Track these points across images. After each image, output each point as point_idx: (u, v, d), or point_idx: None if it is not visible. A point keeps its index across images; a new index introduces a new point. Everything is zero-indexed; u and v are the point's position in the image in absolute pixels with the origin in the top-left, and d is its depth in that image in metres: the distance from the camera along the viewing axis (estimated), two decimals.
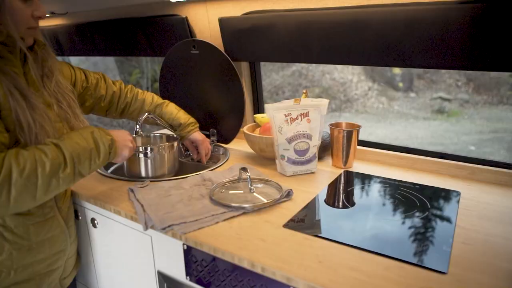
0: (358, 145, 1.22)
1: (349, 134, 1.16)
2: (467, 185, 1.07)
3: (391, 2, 1.03)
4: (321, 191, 1.05)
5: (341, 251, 0.77)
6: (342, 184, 1.11)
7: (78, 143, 0.80)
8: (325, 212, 0.94)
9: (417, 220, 0.89)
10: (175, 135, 1.34)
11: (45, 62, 0.93)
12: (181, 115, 1.30)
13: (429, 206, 0.95)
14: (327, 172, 1.20)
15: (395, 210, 0.94)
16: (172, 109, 1.30)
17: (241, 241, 0.81)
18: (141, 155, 1.16)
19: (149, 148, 1.17)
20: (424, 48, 1.02)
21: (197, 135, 1.31)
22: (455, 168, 1.13)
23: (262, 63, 1.53)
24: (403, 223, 0.88)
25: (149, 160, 1.17)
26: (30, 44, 0.89)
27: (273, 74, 2.52)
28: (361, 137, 1.34)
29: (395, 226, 0.87)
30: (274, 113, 1.10)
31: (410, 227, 0.86)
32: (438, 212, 0.92)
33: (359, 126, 1.18)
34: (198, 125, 1.33)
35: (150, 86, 2.72)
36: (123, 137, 0.94)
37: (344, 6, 1.10)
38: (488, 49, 0.93)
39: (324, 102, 1.12)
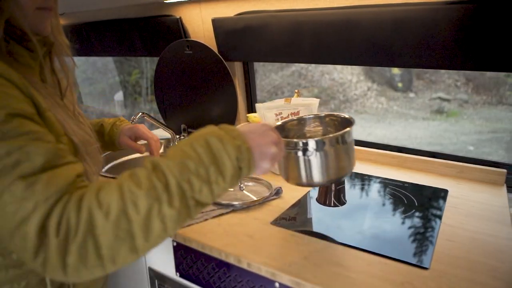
0: None
1: None
2: (456, 184, 1.08)
3: (380, 3, 1.04)
4: (312, 189, 1.06)
5: (327, 247, 0.79)
6: None
7: (184, 161, 0.53)
8: (314, 210, 0.95)
9: (403, 218, 0.90)
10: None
11: (66, 68, 0.72)
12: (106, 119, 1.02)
13: (416, 204, 0.96)
14: None
15: (383, 208, 0.95)
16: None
17: (228, 237, 0.83)
18: (300, 154, 0.75)
19: (313, 142, 0.74)
20: (412, 48, 1.03)
21: (142, 127, 1.01)
22: (445, 167, 1.14)
23: (261, 64, 1.54)
24: (390, 221, 0.89)
25: (316, 160, 0.75)
26: (48, 32, 0.65)
27: (272, 74, 2.53)
28: (360, 137, 1.36)
29: (382, 224, 0.88)
30: (265, 112, 1.11)
31: (396, 225, 0.87)
32: (425, 210, 0.93)
33: None
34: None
35: (150, 86, 2.74)
36: (260, 139, 0.60)
37: (334, 7, 1.11)
38: (476, 48, 0.94)
39: (315, 101, 1.13)
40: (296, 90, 1.28)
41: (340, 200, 1.00)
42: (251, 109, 1.57)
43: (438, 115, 2.15)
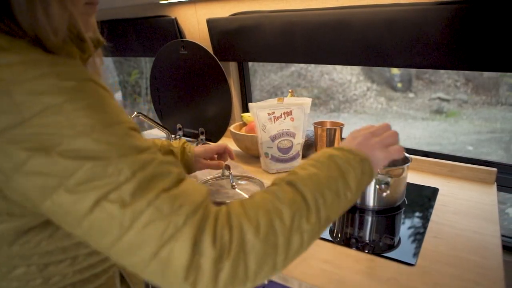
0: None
1: (333, 133, 1.18)
2: (446, 182, 1.08)
3: (372, 3, 1.06)
4: None
5: (316, 245, 0.80)
6: None
7: (315, 175, 0.53)
8: None
9: (393, 216, 0.91)
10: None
11: (98, 69, 0.66)
12: (168, 141, 1.01)
13: (406, 203, 0.97)
14: None
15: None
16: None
17: None
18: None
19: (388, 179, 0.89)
20: (404, 48, 1.04)
21: (208, 146, 1.03)
22: (436, 166, 1.15)
23: (260, 64, 1.55)
24: (380, 218, 0.90)
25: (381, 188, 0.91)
26: (91, 30, 0.59)
27: (272, 74, 2.54)
28: None
29: (372, 222, 0.89)
30: (258, 112, 1.12)
31: (386, 223, 0.89)
32: (415, 208, 0.94)
33: (342, 125, 1.21)
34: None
35: (149, 87, 2.75)
36: (365, 141, 0.62)
37: (327, 7, 1.12)
38: (467, 48, 0.95)
39: (307, 101, 1.14)
40: (290, 90, 1.29)
41: None
42: (245, 108, 1.58)
43: (438, 115, 2.15)
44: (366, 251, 0.76)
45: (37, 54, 0.42)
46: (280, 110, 1.13)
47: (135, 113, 1.28)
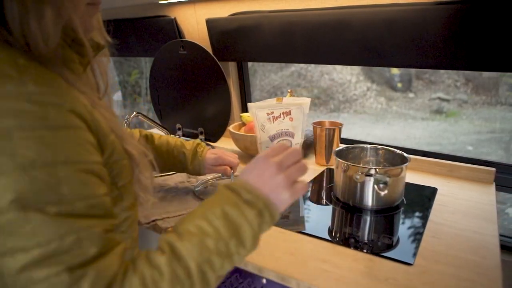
0: (341, 143, 1.24)
1: (332, 132, 1.18)
2: (446, 182, 1.09)
3: (371, 3, 1.06)
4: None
5: (315, 244, 0.80)
6: (324, 181, 1.13)
7: (202, 240, 0.49)
8: (306, 208, 0.96)
9: (391, 216, 0.91)
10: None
11: (103, 68, 0.63)
12: (183, 141, 1.01)
13: (405, 202, 0.97)
14: (310, 169, 1.22)
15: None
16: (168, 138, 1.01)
17: None
18: (369, 179, 0.90)
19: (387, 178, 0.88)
20: (403, 48, 1.04)
21: (223, 154, 1.02)
22: (435, 166, 1.15)
23: (261, 64, 1.55)
24: (378, 218, 0.90)
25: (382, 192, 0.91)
26: (92, 31, 0.57)
27: (272, 74, 2.54)
28: (359, 137, 1.37)
29: (370, 221, 0.89)
30: (257, 112, 1.12)
31: (384, 222, 0.89)
32: (414, 208, 0.94)
33: (341, 125, 1.21)
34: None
35: (149, 87, 2.75)
36: (269, 180, 0.54)
37: (326, 7, 1.12)
38: (465, 48, 0.95)
39: (306, 101, 1.14)
40: (289, 90, 1.29)
41: (330, 197, 1.01)
42: (245, 108, 1.58)
43: (438, 115, 2.15)
44: (365, 250, 0.76)
45: (9, 69, 0.40)
46: (279, 110, 1.13)
47: (135, 113, 1.28)
